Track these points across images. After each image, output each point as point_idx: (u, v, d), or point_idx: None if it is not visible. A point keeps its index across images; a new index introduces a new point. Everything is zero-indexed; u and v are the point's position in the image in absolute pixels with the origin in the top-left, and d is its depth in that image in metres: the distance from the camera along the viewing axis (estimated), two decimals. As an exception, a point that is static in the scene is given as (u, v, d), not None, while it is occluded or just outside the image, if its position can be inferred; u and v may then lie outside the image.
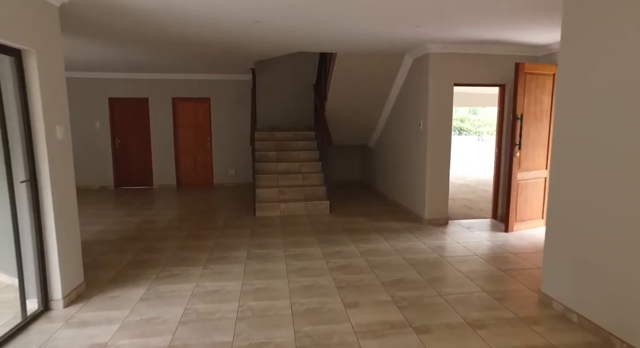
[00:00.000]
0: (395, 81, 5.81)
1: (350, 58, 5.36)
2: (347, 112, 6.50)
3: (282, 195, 5.80)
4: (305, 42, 4.71)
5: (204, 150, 7.95)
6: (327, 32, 4.12)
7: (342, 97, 6.14)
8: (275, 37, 4.43)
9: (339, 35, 4.32)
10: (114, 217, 5.45)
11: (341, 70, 5.59)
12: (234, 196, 6.96)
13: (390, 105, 6.22)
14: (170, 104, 7.66)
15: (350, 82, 5.82)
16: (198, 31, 4.10)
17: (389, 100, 6.18)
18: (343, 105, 6.32)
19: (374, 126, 6.93)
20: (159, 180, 7.82)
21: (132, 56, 5.71)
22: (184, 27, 3.91)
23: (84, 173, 7.56)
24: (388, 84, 5.89)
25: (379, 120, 6.71)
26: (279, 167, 6.23)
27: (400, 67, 5.53)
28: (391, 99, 6.11)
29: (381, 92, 6.04)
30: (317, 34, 4.22)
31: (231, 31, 4.11)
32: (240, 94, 7.77)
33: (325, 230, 4.76)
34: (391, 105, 6.20)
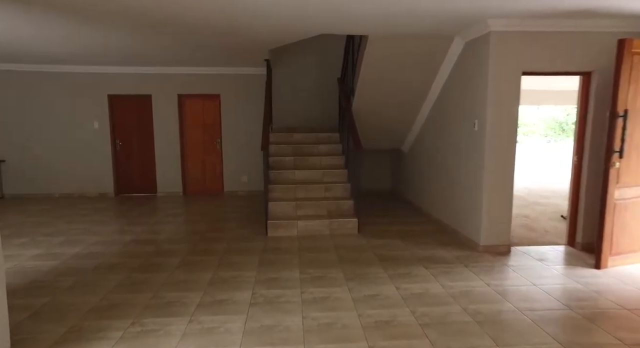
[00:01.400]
0: (439, 71, 4.72)
1: (383, 42, 4.32)
2: (378, 109, 5.44)
3: (300, 210, 4.80)
4: (329, 21, 3.71)
5: (214, 153, 7.05)
6: (357, 5, 3.10)
7: (373, 91, 5.09)
8: (293, 13, 3.44)
9: (372, 10, 3.29)
10: (101, 234, 4.58)
11: (372, 58, 4.55)
12: (245, 207, 6.02)
13: (432, 101, 5.13)
14: (176, 101, 6.79)
15: (383, 72, 4.77)
16: (198, 5, 3.16)
17: (431, 95, 5.08)
18: (373, 101, 5.27)
19: (410, 127, 5.84)
20: (163, 187, 6.97)
21: (130, 45, 4.85)
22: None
23: (81, 179, 6.79)
24: (430, 75, 4.80)
25: (417, 119, 5.62)
26: (297, 175, 5.23)
27: (448, 54, 4.44)
28: (433, 93, 5.02)
29: (421, 84, 4.96)
30: (342, 8, 3.21)
31: (240, 6, 3.14)
32: (254, 89, 6.83)
33: (355, 260, 3.73)
34: (433, 100, 5.10)
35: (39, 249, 4.06)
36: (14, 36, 4.58)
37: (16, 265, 3.63)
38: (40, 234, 4.58)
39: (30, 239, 4.39)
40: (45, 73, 6.51)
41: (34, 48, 5.21)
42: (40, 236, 4.51)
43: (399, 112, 5.49)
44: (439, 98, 4.95)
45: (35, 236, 4.51)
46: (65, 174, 6.76)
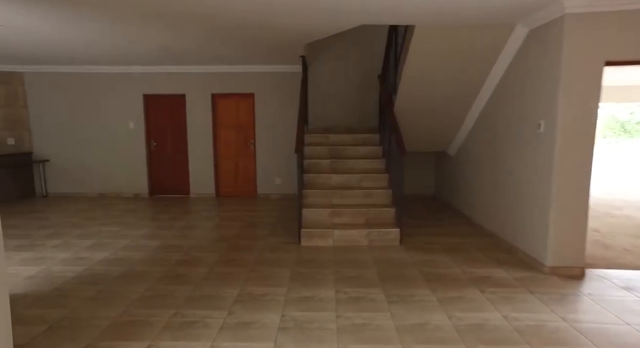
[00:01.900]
0: (495, 65, 4.17)
1: (431, 34, 3.85)
2: (422, 109, 4.95)
3: (337, 218, 4.42)
4: (371, 8, 3.30)
5: (247, 154, 6.83)
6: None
7: (418, 89, 4.62)
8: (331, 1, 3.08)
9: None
10: (130, 238, 4.44)
11: (418, 51, 4.09)
12: (278, 212, 5.72)
13: (485, 99, 4.58)
14: (209, 100, 6.64)
15: (430, 68, 4.29)
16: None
17: (484, 92, 4.53)
18: (418, 100, 4.79)
19: (458, 128, 5.30)
20: (195, 189, 6.84)
21: (165, 44, 4.71)
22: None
23: (117, 179, 6.79)
24: (484, 70, 4.26)
25: (466, 119, 5.08)
26: (334, 180, 4.86)
27: (506, 44, 3.89)
28: (487, 89, 4.47)
29: (472, 81, 4.43)
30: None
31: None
32: (289, 88, 6.54)
33: (397, 278, 3.30)
34: (486, 98, 4.55)
35: (69, 252, 3.96)
36: (57, 39, 4.58)
37: (45, 269, 3.52)
38: (73, 236, 4.51)
39: (63, 241, 4.31)
40: (83, 74, 6.56)
41: (74, 50, 5.19)
42: (73, 238, 4.44)
43: (447, 111, 4.97)
44: (493, 96, 4.39)
45: (69, 238, 4.44)
46: (103, 174, 6.80)
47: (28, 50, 5.25)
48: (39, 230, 4.75)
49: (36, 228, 4.83)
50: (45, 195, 6.85)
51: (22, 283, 3.21)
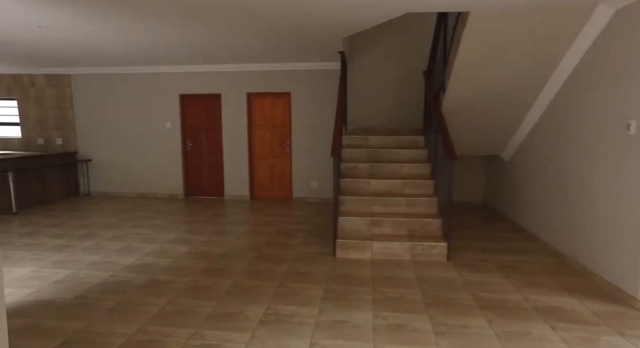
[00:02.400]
0: (566, 56, 3.58)
1: (489, 20, 3.34)
2: (474, 108, 4.42)
3: (376, 228, 4.02)
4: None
5: (282, 156, 6.58)
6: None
7: (470, 86, 4.10)
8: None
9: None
10: (159, 242, 4.29)
11: (472, 42, 3.58)
12: (313, 218, 5.40)
13: (551, 95, 3.98)
14: (245, 100, 6.45)
15: (485, 60, 3.76)
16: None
17: (551, 86, 3.94)
18: (470, 98, 4.27)
19: (515, 129, 4.71)
20: (230, 190, 6.69)
21: (202, 42, 4.54)
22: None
23: (154, 179, 6.79)
24: (553, 60, 3.68)
25: (525, 119, 4.48)
26: (373, 185, 4.46)
27: (585, 28, 3.30)
28: (554, 83, 3.87)
29: (537, 73, 3.85)
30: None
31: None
32: (326, 86, 6.21)
33: (445, 302, 2.85)
34: (553, 93, 3.95)
35: (98, 255, 3.87)
36: (99, 41, 4.56)
37: (72, 273, 3.42)
38: (106, 238, 4.46)
39: (94, 244, 4.25)
40: (124, 75, 6.61)
41: (115, 51, 5.19)
42: (105, 240, 4.37)
43: (503, 111, 4.40)
44: (562, 92, 3.79)
45: (102, 240, 4.38)
46: (141, 174, 6.83)
47: (74, 53, 5.31)
48: (75, 230, 4.75)
49: (74, 228, 4.84)
50: (88, 193, 7.00)
51: (49, 289, 3.11)
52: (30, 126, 7.03)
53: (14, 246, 4.18)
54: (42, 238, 4.46)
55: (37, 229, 4.81)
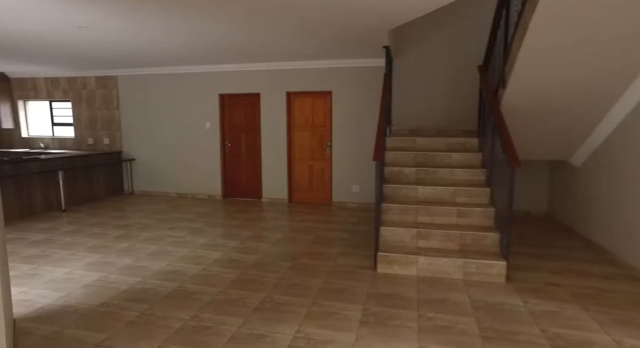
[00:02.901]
0: (662, 42, 2.94)
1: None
2: (542, 106, 3.84)
3: (423, 241, 3.59)
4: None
5: (323, 157, 6.28)
6: None
7: (537, 79, 3.54)
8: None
9: None
10: (192, 246, 4.15)
11: (543, 26, 3.04)
12: (354, 225, 5.04)
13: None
14: (284, 99, 6.23)
15: (559, 48, 3.19)
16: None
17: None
18: (536, 94, 3.70)
19: (591, 129, 4.06)
20: (268, 193, 6.50)
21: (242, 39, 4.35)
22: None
23: (194, 179, 6.77)
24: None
25: (605, 118, 3.83)
26: (420, 193, 4.02)
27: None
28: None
29: (627, 64, 3.22)
30: None
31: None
32: (370, 84, 5.82)
33: (507, 337, 2.39)
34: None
35: (130, 259, 3.78)
36: (143, 42, 4.52)
37: (102, 277, 3.34)
38: (141, 239, 4.40)
39: (129, 246, 4.20)
40: (166, 75, 6.64)
41: (157, 52, 5.16)
42: (140, 242, 4.31)
43: (576, 110, 3.79)
44: (655, 86, 3.14)
45: (136, 241, 4.32)
46: (181, 174, 6.83)
47: (119, 55, 5.36)
48: (113, 230, 4.75)
49: (112, 228, 4.86)
50: (131, 192, 7.13)
51: (77, 293, 3.03)
52: (82, 126, 7.29)
53: (56, 244, 4.22)
54: (82, 237, 4.49)
55: (80, 228, 4.87)
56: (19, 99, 7.60)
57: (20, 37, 4.36)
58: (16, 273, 3.43)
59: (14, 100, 7.60)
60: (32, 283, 3.22)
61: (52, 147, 7.55)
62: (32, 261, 3.74)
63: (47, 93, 7.40)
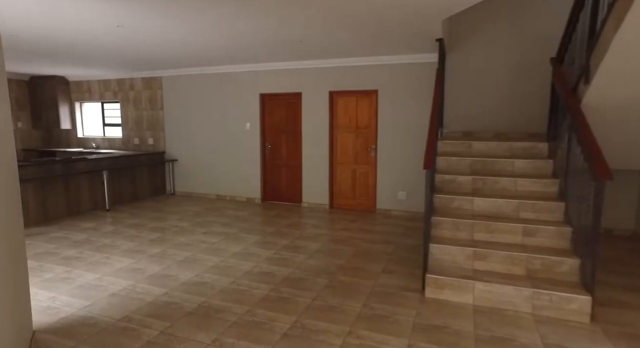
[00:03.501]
0: None
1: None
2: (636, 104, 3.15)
3: (480, 262, 3.08)
4: None
5: (367, 161, 5.86)
6: None
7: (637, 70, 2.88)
8: None
9: None
10: (224, 255, 3.92)
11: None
12: (399, 236, 4.58)
13: None
14: (327, 99, 5.89)
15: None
16: None
17: None
18: (631, 89, 3.03)
19: (697, 134, 3.29)
20: (308, 197, 6.19)
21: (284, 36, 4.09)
22: None
23: (233, 181, 6.64)
24: None
25: None
26: (477, 205, 3.49)
27: None
28: None
29: None
30: None
31: None
32: (419, 82, 5.32)
33: (598, 402, 1.86)
34: None
35: (160, 266, 3.62)
36: (184, 42, 4.40)
37: (130, 285, 3.19)
38: (174, 244, 4.26)
39: (162, 251, 4.06)
40: (205, 75, 6.56)
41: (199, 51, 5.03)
42: (172, 247, 4.17)
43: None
44: None
45: (169, 246, 4.19)
46: (221, 176, 6.73)
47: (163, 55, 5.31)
48: (149, 233, 4.67)
49: (149, 230, 4.79)
50: (173, 193, 7.15)
51: (101, 303, 2.88)
52: (129, 127, 7.44)
53: (94, 246, 4.19)
54: (119, 239, 4.44)
55: (119, 229, 4.85)
56: (75, 100, 7.93)
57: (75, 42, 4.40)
58: (51, 276, 3.39)
59: (71, 102, 7.95)
60: (62, 288, 3.14)
61: (102, 147, 7.80)
62: (68, 263, 3.69)
63: (99, 94, 7.64)
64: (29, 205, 4.99)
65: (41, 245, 4.22)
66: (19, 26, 3.88)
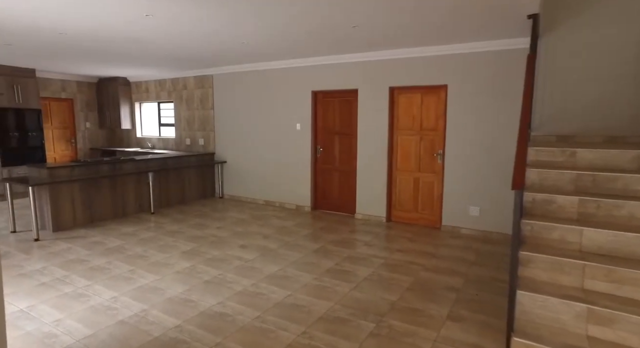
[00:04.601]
0: None
1: None
2: None
3: (601, 329, 2.13)
4: None
5: (432, 169, 4.99)
6: None
7: None
8: None
9: None
10: (255, 277, 3.37)
11: None
12: (470, 265, 3.68)
13: None
14: (386, 96, 5.11)
15: None
16: None
17: None
18: None
19: None
20: (362, 208, 5.47)
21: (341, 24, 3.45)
22: None
23: (281, 186, 6.14)
24: None
25: None
26: (588, 239, 2.52)
27: None
28: None
29: None
30: None
31: None
32: (500, 75, 4.33)
33: None
34: None
35: (182, 287, 3.17)
36: (235, 35, 3.97)
37: (142, 312, 2.76)
38: (205, 259, 3.82)
39: (190, 266, 3.63)
40: (254, 72, 6.12)
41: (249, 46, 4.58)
42: (202, 263, 3.72)
43: None
44: None
45: (199, 262, 3.74)
46: (269, 180, 6.26)
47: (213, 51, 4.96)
48: (185, 243, 4.30)
49: (185, 239, 4.43)
50: (221, 196, 6.85)
51: (104, 335, 2.47)
52: (182, 127, 7.31)
53: (124, 256, 3.90)
54: (151, 248, 4.12)
55: (156, 236, 4.57)
56: (135, 101, 8.04)
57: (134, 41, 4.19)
58: (69, 291, 3.09)
59: (132, 102, 8.07)
60: (74, 308, 2.80)
61: (157, 147, 7.80)
62: (92, 276, 3.40)
63: (156, 94, 7.64)
64: (75, 207, 4.92)
65: (76, 251, 4.03)
66: (66, 26, 3.72)
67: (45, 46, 4.80)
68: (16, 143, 6.69)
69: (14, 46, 4.82)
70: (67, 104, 7.89)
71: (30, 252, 4.00)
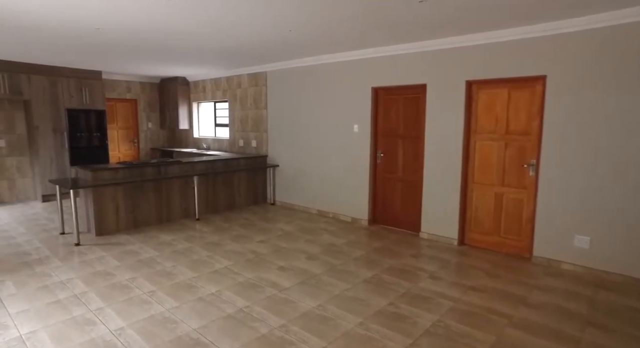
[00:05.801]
0: None
1: None
2: None
3: None
4: None
5: (521, 182, 3.93)
6: None
7: None
8: None
9: None
10: (284, 317, 2.71)
11: None
12: (583, 323, 2.64)
13: None
14: (462, 92, 4.15)
15: None
16: None
17: None
18: None
19: None
20: (429, 226, 4.56)
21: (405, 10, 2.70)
22: None
23: (336, 195, 5.49)
24: None
25: None
26: None
27: None
28: None
29: None
30: None
31: None
32: (625, 58, 3.17)
33: None
34: None
35: (198, 322, 2.62)
36: (286, 25, 3.41)
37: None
38: (235, 284, 3.27)
39: (216, 292, 3.10)
40: (310, 67, 5.48)
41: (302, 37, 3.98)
42: (231, 288, 3.18)
43: None
44: None
45: (227, 288, 3.20)
46: (322, 187, 5.61)
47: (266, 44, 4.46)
48: (219, 259, 3.81)
49: (221, 255, 3.95)
50: (272, 203, 6.36)
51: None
52: (235, 127, 6.98)
53: (152, 271, 3.51)
54: (181, 264, 3.69)
55: (192, 248, 4.15)
56: (193, 101, 7.92)
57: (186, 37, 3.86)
58: (78, 314, 2.72)
59: (190, 102, 7.98)
60: (73, 340, 2.39)
61: (212, 148, 7.58)
62: (110, 296, 3.02)
63: (212, 94, 7.42)
64: (119, 210, 4.72)
65: (107, 262, 3.74)
66: (105, 20, 3.43)
67: (110, 45, 4.65)
68: (84, 143, 6.86)
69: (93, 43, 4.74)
70: (131, 105, 8.02)
71: (65, 259, 3.80)
